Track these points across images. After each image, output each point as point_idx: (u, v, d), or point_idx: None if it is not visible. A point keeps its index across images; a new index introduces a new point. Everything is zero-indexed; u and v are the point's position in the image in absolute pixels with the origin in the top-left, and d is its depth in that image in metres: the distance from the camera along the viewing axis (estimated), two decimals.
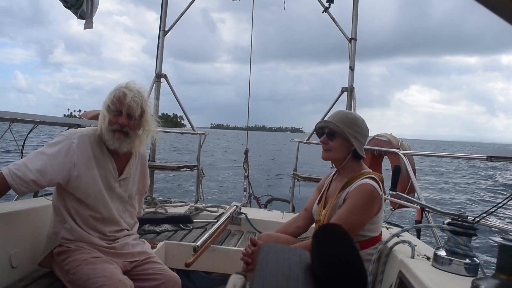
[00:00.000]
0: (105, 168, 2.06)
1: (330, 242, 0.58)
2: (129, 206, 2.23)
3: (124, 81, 2.10)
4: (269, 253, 0.56)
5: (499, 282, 1.25)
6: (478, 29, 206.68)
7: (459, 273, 1.62)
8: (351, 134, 2.06)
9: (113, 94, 2.03)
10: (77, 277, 1.87)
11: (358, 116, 2.14)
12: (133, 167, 2.22)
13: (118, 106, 2.01)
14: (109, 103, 2.01)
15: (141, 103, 2.05)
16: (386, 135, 5.58)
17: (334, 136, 2.10)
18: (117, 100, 2.01)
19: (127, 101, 1.99)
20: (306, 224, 2.32)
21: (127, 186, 2.18)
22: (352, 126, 2.08)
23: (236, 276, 0.50)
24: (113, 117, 2.01)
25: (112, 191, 2.10)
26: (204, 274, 2.88)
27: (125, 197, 2.18)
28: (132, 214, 2.27)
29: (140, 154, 2.30)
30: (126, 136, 2.04)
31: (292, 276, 0.49)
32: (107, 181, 2.07)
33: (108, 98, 2.03)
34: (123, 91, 2.01)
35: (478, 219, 1.74)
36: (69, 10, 3.41)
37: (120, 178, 2.13)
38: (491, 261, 6.59)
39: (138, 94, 2.05)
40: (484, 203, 14.10)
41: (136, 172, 2.26)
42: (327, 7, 5.02)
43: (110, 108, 2.01)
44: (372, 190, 1.98)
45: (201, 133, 4.94)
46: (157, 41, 5.12)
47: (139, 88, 2.09)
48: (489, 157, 2.45)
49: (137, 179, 2.28)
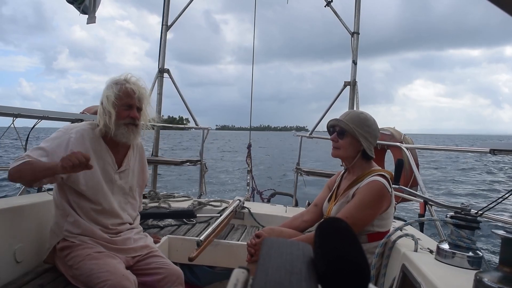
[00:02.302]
0: (104, 160, 2.09)
1: (332, 236, 0.58)
2: (131, 198, 2.25)
3: (124, 74, 2.13)
4: (271, 247, 0.56)
5: (502, 275, 1.25)
6: (482, 20, 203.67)
7: (462, 266, 1.62)
8: (360, 134, 2.07)
9: (116, 89, 2.04)
10: (80, 272, 1.88)
11: (369, 116, 2.14)
12: (132, 159, 2.25)
13: (128, 101, 2.06)
14: (115, 98, 2.03)
15: (145, 96, 2.14)
16: (389, 129, 5.57)
17: (344, 134, 2.12)
18: (125, 95, 2.05)
19: (137, 94, 2.08)
20: (313, 219, 2.33)
21: (127, 178, 2.20)
22: (362, 126, 2.09)
23: (239, 270, 0.50)
24: (122, 111, 2.05)
25: (113, 183, 2.12)
26: (207, 268, 2.89)
27: (126, 189, 2.20)
28: (134, 206, 2.29)
29: (138, 146, 2.32)
30: (137, 128, 2.12)
31: (295, 271, 0.49)
32: (107, 174, 2.09)
33: (110, 93, 2.04)
34: (129, 86, 2.07)
35: (481, 212, 1.74)
36: (72, 5, 3.41)
37: (119, 170, 2.16)
38: (494, 254, 6.59)
39: (142, 87, 2.14)
40: (488, 197, 14.08)
41: (135, 164, 2.29)
42: (330, 1, 4.99)
43: (116, 103, 2.03)
44: (381, 187, 1.99)
45: (204, 128, 4.95)
46: (160, 36, 5.12)
47: (138, 80, 2.15)
48: (492, 150, 2.44)
49: (136, 171, 2.30)
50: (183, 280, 2.15)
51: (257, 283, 0.45)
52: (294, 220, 2.37)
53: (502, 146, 2.48)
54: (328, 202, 2.26)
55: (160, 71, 5.06)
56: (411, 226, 2.21)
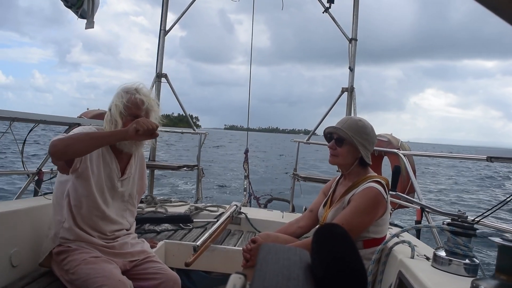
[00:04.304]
0: (110, 167, 2.09)
1: (329, 242, 0.58)
2: (130, 205, 2.26)
3: (132, 81, 2.12)
4: (269, 253, 0.57)
5: (498, 283, 1.25)
6: (499, 30, 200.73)
7: (458, 274, 1.62)
8: (359, 142, 2.07)
9: (125, 98, 2.02)
10: (76, 277, 1.87)
11: (367, 123, 2.14)
12: (133, 167, 2.25)
13: (135, 111, 2.02)
14: (122, 108, 2.01)
15: (154, 108, 2.11)
16: (386, 135, 5.58)
17: (343, 142, 2.11)
18: (134, 105, 2.02)
19: (145, 106, 2.04)
20: (309, 225, 2.33)
21: (128, 185, 2.20)
22: (361, 134, 2.09)
23: (236, 276, 0.51)
24: (128, 121, 1.97)
25: (115, 190, 2.12)
26: (204, 274, 2.88)
27: (126, 196, 2.20)
28: (132, 213, 2.29)
29: (139, 154, 2.32)
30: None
31: (292, 276, 0.49)
32: (111, 180, 2.10)
33: (119, 102, 2.01)
34: (139, 97, 2.04)
35: (477, 219, 1.74)
36: (70, 10, 3.41)
37: (122, 178, 2.16)
38: (491, 262, 6.59)
39: (153, 99, 2.11)
40: (484, 204, 14.10)
41: (136, 172, 2.29)
42: (328, 7, 5.01)
43: (123, 113, 2.01)
44: (377, 193, 1.99)
45: (201, 133, 4.95)
46: (158, 41, 5.13)
47: (148, 91, 2.13)
48: (489, 158, 2.45)
49: (136, 179, 2.30)
50: (180, 285, 2.14)
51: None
52: (289, 226, 2.37)
53: (499, 153, 2.49)
54: (324, 207, 2.26)
55: (158, 76, 5.05)
56: (408, 232, 2.21)
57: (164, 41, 5.16)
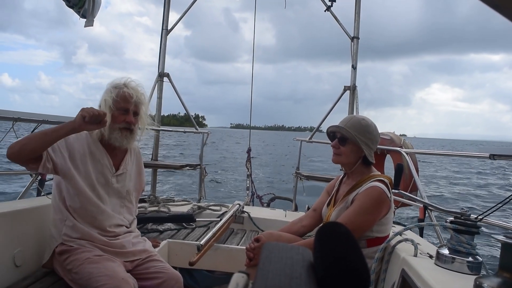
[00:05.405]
0: (102, 163, 2.11)
1: (332, 241, 0.58)
2: (127, 202, 2.26)
3: (124, 79, 2.15)
4: (272, 252, 0.57)
5: (502, 280, 1.25)
6: (506, 25, 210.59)
7: (462, 271, 1.61)
8: (362, 141, 2.07)
9: (114, 93, 2.06)
10: (79, 276, 1.87)
11: (370, 122, 2.14)
12: (129, 163, 2.27)
13: (124, 105, 2.07)
14: (112, 102, 2.05)
15: (143, 101, 2.15)
16: (389, 134, 5.57)
17: (346, 142, 2.11)
18: (122, 99, 2.07)
19: (134, 99, 2.09)
20: (312, 223, 2.33)
21: (124, 181, 2.21)
22: (364, 133, 2.08)
23: (239, 275, 0.51)
24: (118, 115, 2.06)
25: (109, 186, 2.13)
26: (207, 273, 2.89)
27: (123, 193, 2.21)
28: (130, 210, 2.29)
29: (135, 151, 2.34)
30: (131, 133, 2.13)
31: (295, 275, 0.49)
32: (104, 176, 2.11)
33: (108, 97, 2.06)
34: (127, 91, 2.08)
35: (481, 217, 1.74)
36: (72, 10, 3.41)
37: (116, 173, 2.17)
38: (494, 259, 6.58)
39: (140, 92, 2.15)
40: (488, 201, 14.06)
41: (132, 168, 2.30)
42: (330, 6, 5.00)
43: (112, 108, 2.05)
44: (380, 192, 1.99)
45: (203, 132, 4.95)
46: (160, 40, 5.13)
47: (138, 85, 2.16)
48: (492, 155, 2.44)
49: (133, 175, 2.31)
50: (182, 284, 2.14)
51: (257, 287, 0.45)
52: (293, 225, 2.37)
53: (501, 151, 2.48)
54: (327, 207, 2.26)
55: (160, 75, 5.06)
56: (411, 231, 2.20)
57: (166, 40, 5.17)
